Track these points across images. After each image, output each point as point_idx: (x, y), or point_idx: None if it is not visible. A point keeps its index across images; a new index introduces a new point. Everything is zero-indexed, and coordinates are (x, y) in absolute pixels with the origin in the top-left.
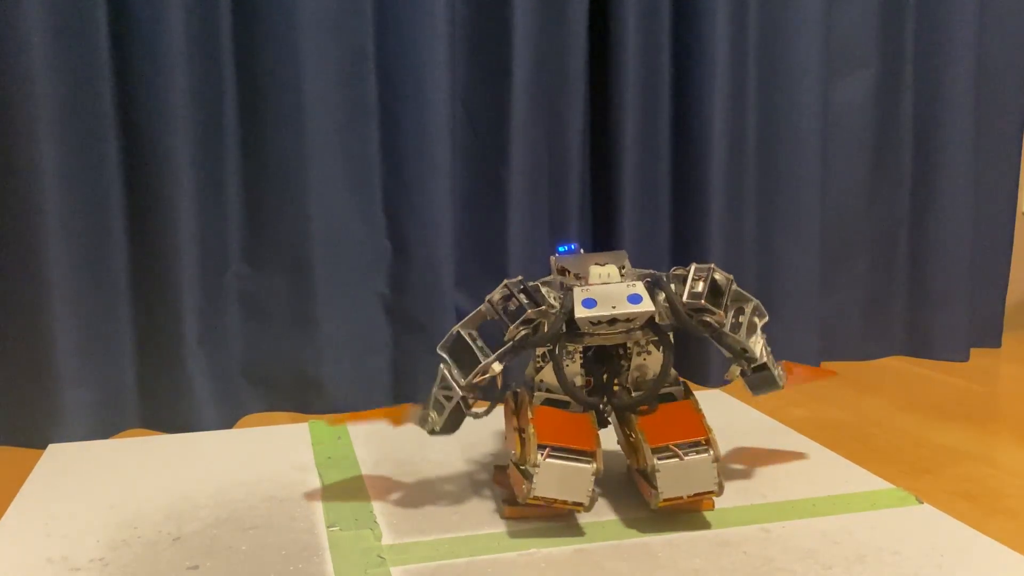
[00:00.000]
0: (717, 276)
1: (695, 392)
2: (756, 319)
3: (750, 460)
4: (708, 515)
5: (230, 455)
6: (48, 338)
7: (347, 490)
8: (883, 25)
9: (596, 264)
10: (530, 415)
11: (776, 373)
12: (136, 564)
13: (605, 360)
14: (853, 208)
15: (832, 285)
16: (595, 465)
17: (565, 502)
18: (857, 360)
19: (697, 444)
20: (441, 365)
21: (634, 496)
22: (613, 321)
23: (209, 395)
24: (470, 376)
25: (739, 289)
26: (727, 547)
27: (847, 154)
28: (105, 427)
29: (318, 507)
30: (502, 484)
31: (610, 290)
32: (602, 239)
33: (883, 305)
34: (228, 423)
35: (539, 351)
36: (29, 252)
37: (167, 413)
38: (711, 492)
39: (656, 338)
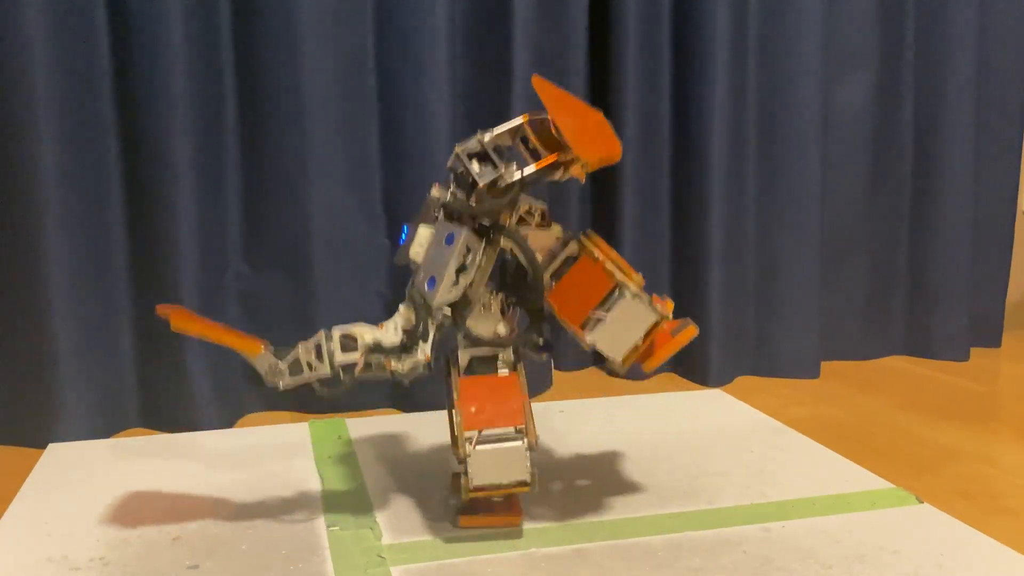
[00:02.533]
0: (469, 145)
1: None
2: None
3: (750, 460)
4: (708, 515)
5: (230, 455)
6: (48, 338)
7: (347, 490)
8: (883, 25)
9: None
10: (455, 395)
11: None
12: (136, 563)
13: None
14: (853, 208)
15: (832, 285)
16: (526, 440)
17: (508, 485)
18: (857, 360)
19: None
20: (322, 334)
21: (634, 496)
22: (463, 268)
23: (209, 394)
24: (343, 358)
25: (502, 138)
26: (727, 547)
27: (847, 154)
28: (105, 427)
29: (318, 507)
30: (456, 490)
31: (430, 255)
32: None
33: (883, 305)
34: (228, 422)
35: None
36: (29, 252)
37: (167, 413)
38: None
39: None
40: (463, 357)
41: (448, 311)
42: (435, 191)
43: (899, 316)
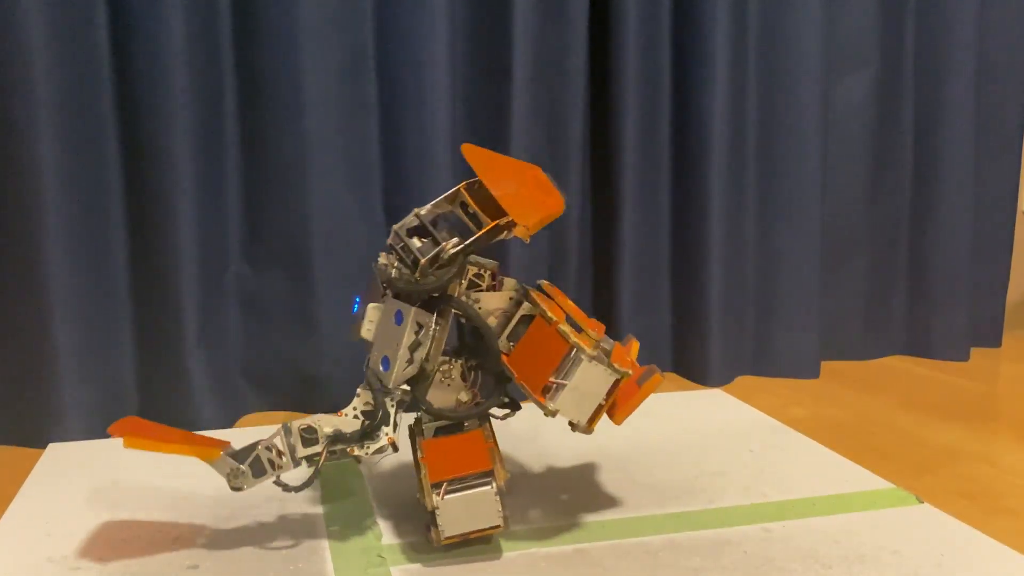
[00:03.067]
0: (407, 221)
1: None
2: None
3: (750, 460)
4: (708, 515)
5: None
6: (48, 338)
7: (347, 490)
8: (883, 25)
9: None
10: (420, 453)
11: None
12: (136, 563)
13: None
14: (853, 208)
15: (832, 285)
16: (495, 484)
17: (480, 531)
18: (857, 360)
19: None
20: (280, 431)
21: (634, 496)
22: (417, 345)
23: (209, 394)
24: (306, 452)
25: (438, 209)
26: (727, 547)
27: (847, 154)
28: (105, 426)
29: (318, 507)
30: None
31: (381, 334)
32: (602, 239)
33: (883, 305)
34: (228, 422)
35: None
36: (29, 252)
37: (167, 413)
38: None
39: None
40: (428, 430)
41: (407, 386)
42: (382, 259)
43: (899, 316)
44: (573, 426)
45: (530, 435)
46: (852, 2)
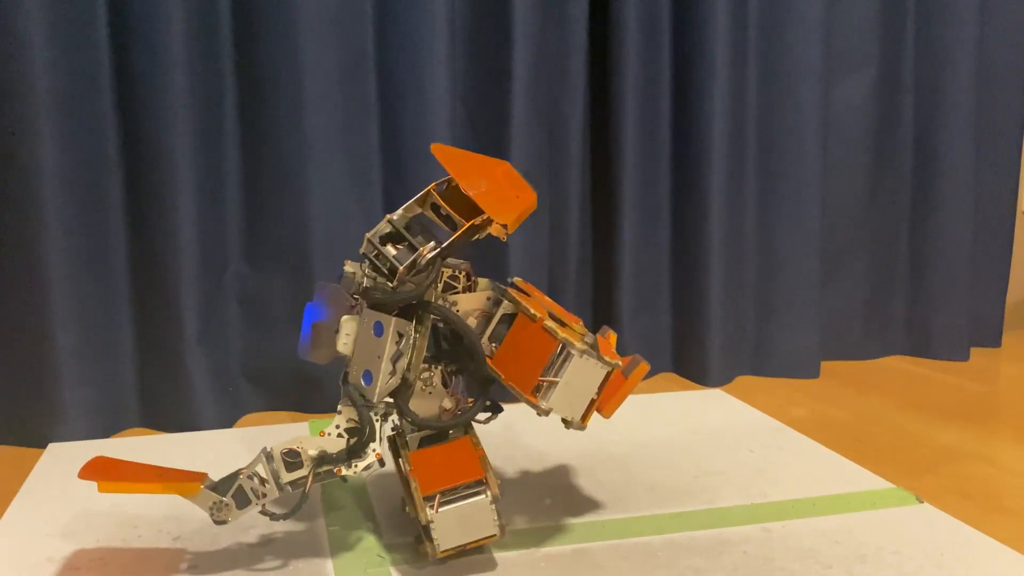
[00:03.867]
0: (380, 228)
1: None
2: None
3: (750, 460)
4: (708, 515)
5: (230, 455)
6: (48, 338)
7: (347, 490)
8: (883, 25)
9: (334, 334)
10: (408, 467)
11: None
12: (136, 564)
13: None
14: (853, 208)
15: (832, 285)
16: (490, 492)
17: (476, 541)
18: (857, 360)
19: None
20: (260, 459)
21: (634, 496)
22: (399, 356)
23: (209, 394)
24: (289, 478)
25: (409, 212)
26: (727, 547)
27: (847, 154)
28: (105, 427)
29: (318, 507)
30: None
31: (360, 348)
32: (602, 239)
33: (883, 305)
34: (228, 423)
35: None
36: (29, 252)
37: (167, 413)
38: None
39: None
40: (412, 441)
41: (389, 398)
42: (348, 267)
43: (899, 316)
44: (567, 423)
45: (530, 435)
46: (852, 2)
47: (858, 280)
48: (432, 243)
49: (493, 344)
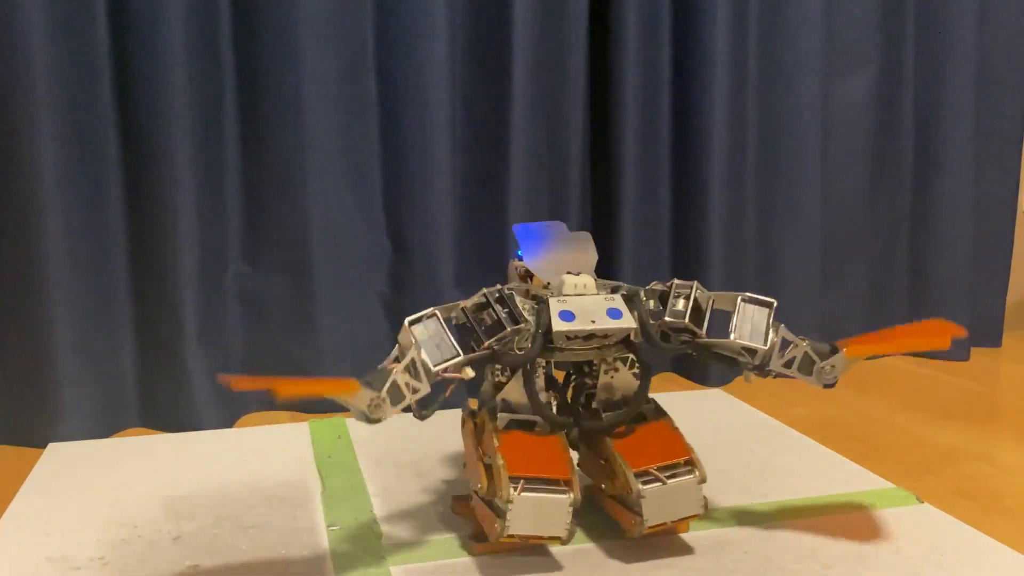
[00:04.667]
0: (698, 294)
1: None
2: (755, 315)
3: (751, 460)
4: (708, 515)
5: (230, 455)
6: (48, 338)
7: (347, 490)
8: (884, 24)
9: (570, 273)
10: (496, 442)
11: (806, 355)
12: (136, 563)
13: (568, 376)
14: (853, 207)
15: (832, 284)
16: (572, 495)
17: (541, 537)
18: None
19: (678, 466)
20: (412, 347)
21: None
22: (590, 336)
23: (209, 394)
24: (441, 366)
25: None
26: (727, 547)
27: (847, 153)
28: (105, 426)
29: (318, 507)
30: (464, 515)
31: (587, 302)
32: (602, 239)
33: (883, 305)
34: (228, 422)
35: (498, 366)
36: (29, 252)
37: (167, 412)
38: (695, 515)
39: (624, 356)
40: (501, 420)
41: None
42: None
43: (899, 316)
44: (631, 531)
45: None
46: (852, 1)
47: (858, 280)
48: (699, 330)
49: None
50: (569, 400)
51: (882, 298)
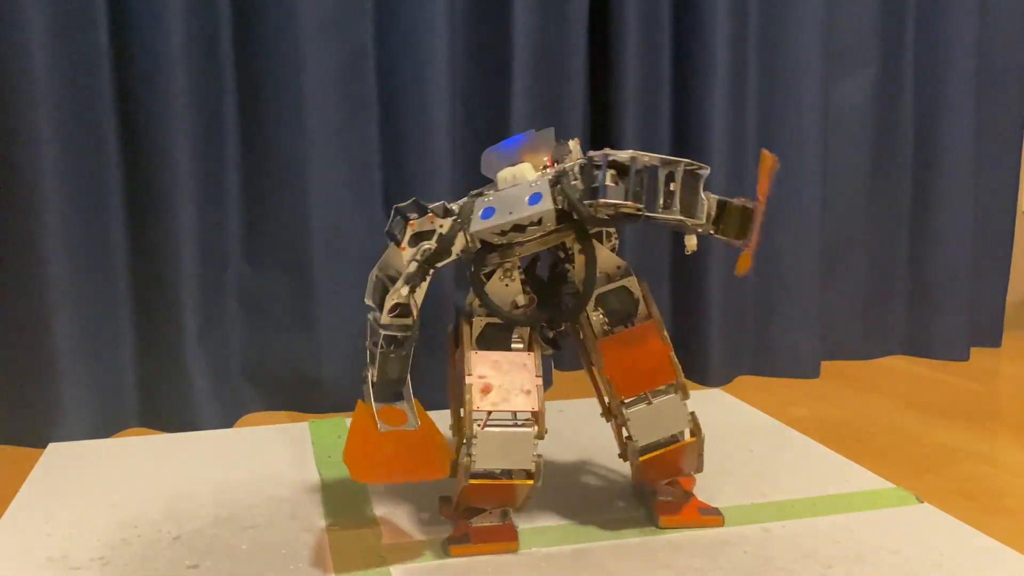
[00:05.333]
0: (619, 156)
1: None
2: (688, 180)
3: (750, 460)
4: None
5: (230, 454)
6: (48, 338)
7: (347, 490)
8: (883, 25)
9: (508, 167)
10: (470, 361)
11: (737, 205)
12: (136, 563)
13: (550, 270)
14: (853, 208)
15: (832, 285)
16: (536, 428)
17: (511, 478)
18: (857, 360)
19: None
20: (368, 315)
21: (633, 497)
22: (520, 227)
23: (209, 394)
24: (384, 311)
25: (653, 162)
26: (727, 547)
27: (847, 153)
28: (105, 426)
29: (318, 507)
30: (450, 517)
31: (510, 194)
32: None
33: (883, 305)
34: (228, 422)
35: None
36: (29, 252)
37: (167, 412)
38: (687, 436)
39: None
40: (477, 324)
41: (473, 249)
42: (573, 144)
43: (899, 316)
44: (625, 451)
45: None
46: (852, 2)
47: (858, 280)
48: (640, 204)
49: (603, 317)
50: (549, 293)
51: (882, 298)
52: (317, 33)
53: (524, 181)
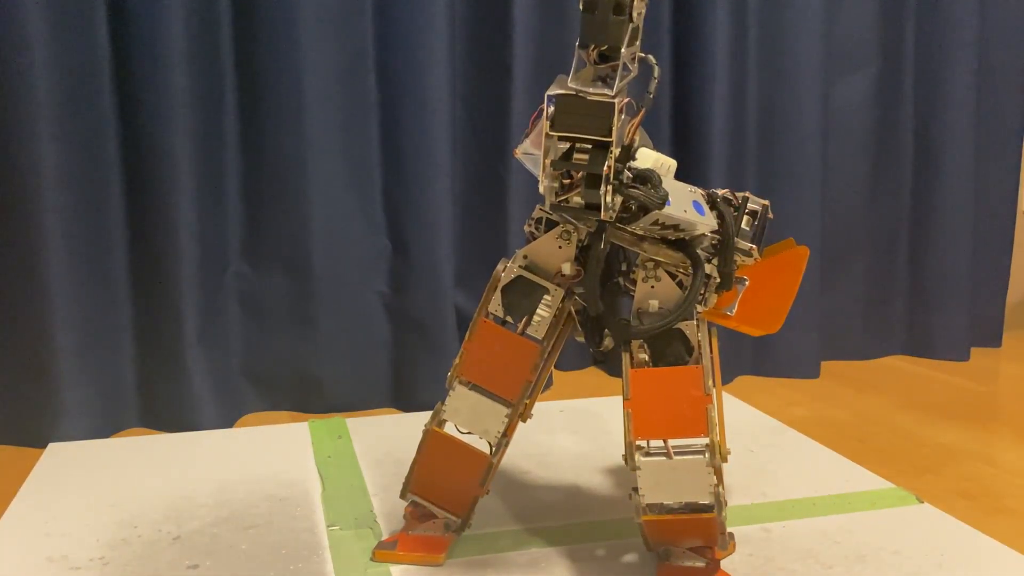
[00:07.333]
0: (755, 204)
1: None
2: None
3: (750, 460)
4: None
5: (230, 455)
6: (48, 338)
7: (347, 490)
8: (883, 25)
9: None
10: (486, 312)
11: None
12: (136, 563)
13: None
14: (853, 208)
15: (832, 285)
16: (510, 410)
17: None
18: (857, 360)
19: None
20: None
21: None
22: (675, 226)
23: (209, 394)
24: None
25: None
26: None
27: (847, 154)
28: (105, 426)
29: (318, 507)
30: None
31: (674, 187)
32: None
33: (883, 305)
34: (228, 422)
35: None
36: (29, 252)
37: (167, 412)
38: (707, 512)
39: (665, 265)
40: (508, 271)
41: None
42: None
43: (899, 316)
44: (628, 459)
45: (530, 435)
46: (852, 2)
47: (858, 280)
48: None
49: (646, 354)
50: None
51: (882, 298)
52: (317, 33)
53: (669, 174)
